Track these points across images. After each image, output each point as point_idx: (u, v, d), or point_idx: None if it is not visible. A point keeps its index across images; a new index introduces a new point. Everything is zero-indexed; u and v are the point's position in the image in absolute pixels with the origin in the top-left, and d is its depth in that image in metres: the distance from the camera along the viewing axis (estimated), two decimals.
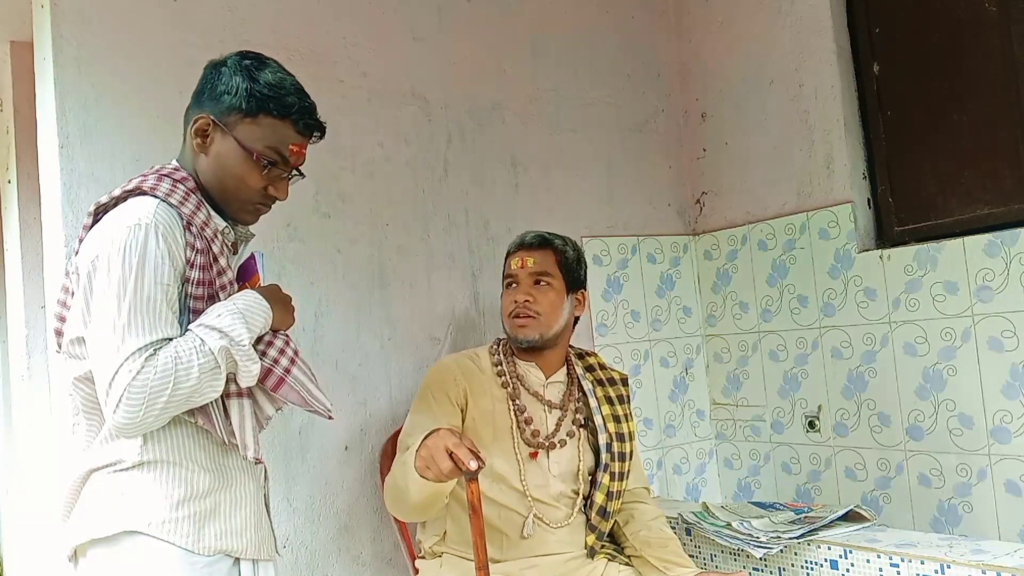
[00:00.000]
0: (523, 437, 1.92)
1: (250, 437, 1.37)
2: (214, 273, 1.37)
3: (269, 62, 1.45)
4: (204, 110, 1.42)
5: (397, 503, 1.76)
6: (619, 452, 1.97)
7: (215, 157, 1.42)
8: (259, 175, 1.42)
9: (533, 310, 1.94)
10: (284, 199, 1.48)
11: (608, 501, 1.93)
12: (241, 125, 1.40)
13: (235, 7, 2.15)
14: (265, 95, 1.40)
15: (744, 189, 2.82)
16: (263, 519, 1.48)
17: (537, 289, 1.96)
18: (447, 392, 1.91)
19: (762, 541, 1.98)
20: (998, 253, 2.19)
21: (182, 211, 1.36)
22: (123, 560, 1.32)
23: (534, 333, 1.94)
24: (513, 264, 2.00)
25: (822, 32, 2.57)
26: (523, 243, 2.03)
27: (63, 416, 1.84)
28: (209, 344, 1.28)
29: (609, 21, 2.87)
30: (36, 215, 2.69)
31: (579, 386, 2.03)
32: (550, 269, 1.98)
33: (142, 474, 1.33)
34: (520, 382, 1.98)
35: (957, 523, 2.30)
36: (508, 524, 1.88)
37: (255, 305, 1.37)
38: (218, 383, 1.31)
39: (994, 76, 2.28)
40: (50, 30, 1.91)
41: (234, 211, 1.46)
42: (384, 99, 2.38)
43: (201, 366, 1.27)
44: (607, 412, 2.00)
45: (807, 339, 2.63)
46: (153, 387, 1.24)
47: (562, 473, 1.93)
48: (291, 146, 1.43)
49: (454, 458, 1.48)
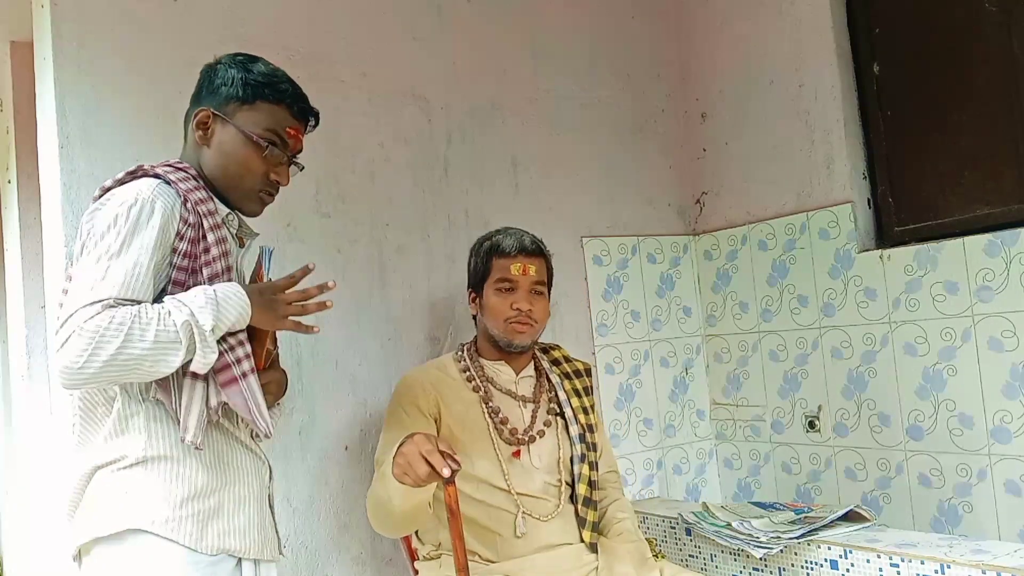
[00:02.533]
0: (502, 437, 1.93)
1: (193, 420, 1.33)
2: (200, 249, 1.38)
3: (260, 58, 1.51)
4: (203, 104, 1.47)
5: (382, 518, 1.75)
6: (591, 443, 2.02)
7: (217, 147, 1.46)
8: (260, 159, 1.46)
9: (532, 319, 1.96)
10: (286, 184, 1.51)
11: (591, 491, 1.97)
12: (240, 112, 1.46)
13: (235, 7, 2.15)
14: (260, 82, 1.46)
15: (744, 189, 2.82)
16: (266, 520, 1.48)
17: (534, 298, 1.98)
18: (417, 404, 1.91)
19: (762, 541, 1.98)
20: (998, 253, 2.19)
21: (179, 187, 1.38)
22: (127, 558, 1.32)
23: (528, 340, 1.98)
24: (514, 269, 1.98)
25: (822, 32, 2.57)
26: (524, 249, 2.00)
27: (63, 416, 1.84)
28: (174, 317, 1.27)
29: (609, 21, 2.87)
30: (36, 215, 2.69)
31: (548, 378, 2.07)
32: (545, 278, 2.02)
33: (146, 471, 1.34)
34: (491, 383, 1.99)
35: (957, 523, 2.30)
36: (500, 524, 1.89)
37: (233, 297, 1.34)
38: (173, 358, 1.27)
39: (994, 76, 2.28)
40: (50, 30, 1.91)
41: (239, 200, 1.49)
42: (384, 99, 2.38)
43: (158, 333, 1.24)
44: (576, 405, 2.04)
45: (807, 339, 2.63)
46: (103, 334, 1.21)
47: (545, 465, 1.95)
48: (288, 129, 1.49)
49: (430, 463, 1.48)
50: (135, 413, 1.35)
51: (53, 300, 1.96)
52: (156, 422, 1.36)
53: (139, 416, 1.35)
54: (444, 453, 1.49)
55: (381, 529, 1.81)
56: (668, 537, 2.38)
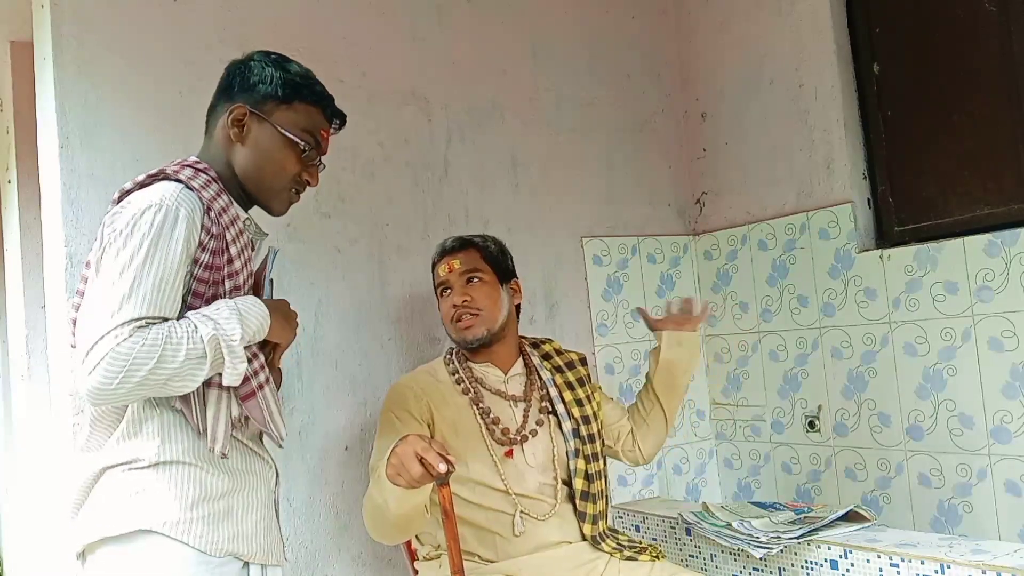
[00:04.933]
0: (494, 438, 1.93)
1: (221, 431, 1.36)
2: (223, 260, 1.37)
3: (292, 58, 1.51)
4: (237, 101, 1.45)
5: (379, 524, 1.74)
6: (587, 435, 1.99)
7: (253, 145, 1.44)
8: (297, 160, 1.46)
9: (473, 308, 1.96)
10: (316, 184, 1.52)
11: (588, 484, 1.95)
12: (278, 112, 1.45)
13: (235, 7, 2.15)
14: (298, 83, 1.46)
15: (744, 189, 2.81)
16: (273, 524, 1.48)
17: (471, 287, 1.98)
18: (408, 409, 1.91)
19: (762, 541, 1.98)
20: (998, 253, 2.19)
21: (203, 195, 1.36)
22: (135, 559, 1.32)
23: (480, 330, 1.96)
24: (441, 271, 2.01)
25: (822, 32, 2.57)
26: (444, 249, 2.04)
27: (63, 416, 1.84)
28: (201, 332, 1.28)
29: (609, 21, 2.87)
30: (36, 215, 2.69)
31: (538, 375, 2.05)
32: (478, 265, 2.00)
33: (157, 474, 1.33)
34: (480, 384, 1.99)
35: (957, 523, 2.30)
36: (498, 525, 1.89)
37: (254, 308, 1.37)
38: (200, 373, 1.29)
39: (994, 76, 2.28)
40: (50, 30, 1.91)
41: (268, 199, 1.48)
42: (384, 99, 2.38)
43: (188, 351, 1.26)
44: (569, 398, 2.02)
45: (807, 339, 2.63)
46: (137, 357, 1.21)
47: (540, 464, 1.95)
48: (322, 131, 1.49)
49: (424, 463, 1.48)
50: (149, 418, 1.35)
51: (53, 300, 1.96)
52: (170, 427, 1.35)
53: (153, 421, 1.35)
54: (439, 453, 1.49)
55: (378, 535, 1.79)
56: (668, 537, 2.38)
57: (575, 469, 1.96)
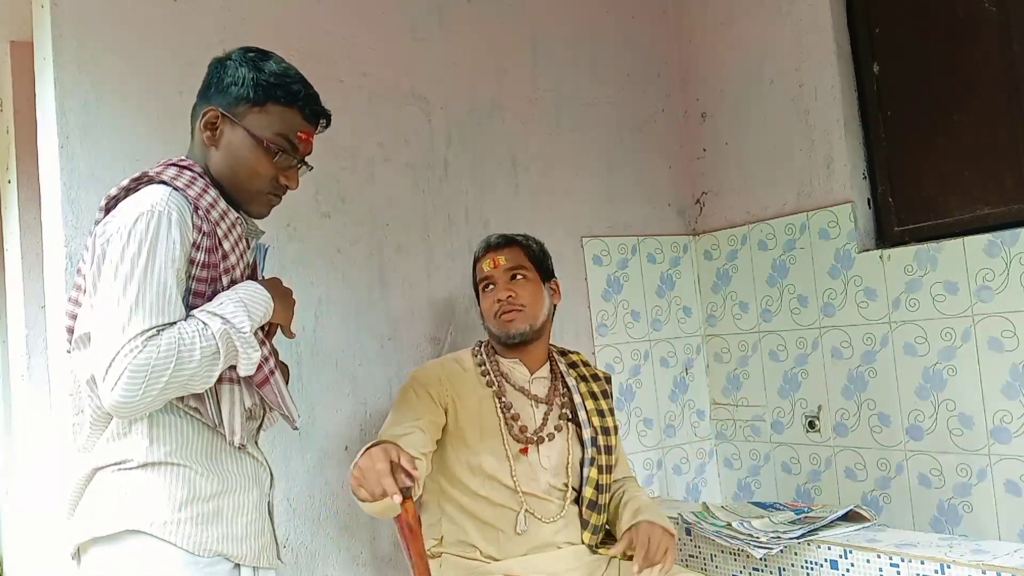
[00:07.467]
0: (511, 434, 1.94)
1: (238, 424, 1.38)
2: (218, 257, 1.38)
3: (272, 54, 1.47)
4: (212, 103, 1.43)
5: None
6: (604, 446, 2.00)
7: (226, 148, 1.43)
8: (270, 163, 1.44)
9: (518, 304, 1.98)
10: (295, 188, 1.50)
11: (598, 495, 1.96)
12: (250, 115, 1.42)
13: (235, 7, 2.15)
14: (272, 83, 1.42)
15: (744, 189, 2.81)
16: (265, 527, 1.47)
17: (515, 284, 2.00)
18: (429, 391, 1.93)
19: (762, 541, 1.98)
20: (998, 253, 2.19)
21: (188, 194, 1.36)
22: (124, 559, 1.32)
23: (523, 325, 1.98)
24: (485, 267, 2.03)
25: (822, 32, 2.57)
26: (489, 245, 2.06)
27: (63, 416, 1.84)
28: (212, 328, 1.29)
29: (609, 21, 2.87)
30: (36, 215, 2.69)
31: (563, 381, 2.06)
32: (522, 262, 2.03)
33: (147, 474, 1.33)
34: (505, 379, 2.00)
35: (957, 523, 2.30)
36: (503, 521, 1.90)
37: (256, 295, 1.39)
38: (216, 369, 1.31)
39: (994, 76, 2.28)
40: (50, 30, 1.91)
41: (246, 202, 1.47)
42: (384, 99, 2.38)
43: (203, 349, 1.27)
44: (591, 407, 2.03)
45: (807, 339, 2.63)
46: (155, 366, 1.23)
47: (553, 467, 1.95)
48: (299, 133, 1.46)
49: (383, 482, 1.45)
50: (139, 418, 1.35)
51: (53, 300, 1.96)
52: (160, 428, 1.35)
53: (142, 421, 1.35)
54: (399, 468, 1.46)
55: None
56: None
57: (587, 477, 1.96)
